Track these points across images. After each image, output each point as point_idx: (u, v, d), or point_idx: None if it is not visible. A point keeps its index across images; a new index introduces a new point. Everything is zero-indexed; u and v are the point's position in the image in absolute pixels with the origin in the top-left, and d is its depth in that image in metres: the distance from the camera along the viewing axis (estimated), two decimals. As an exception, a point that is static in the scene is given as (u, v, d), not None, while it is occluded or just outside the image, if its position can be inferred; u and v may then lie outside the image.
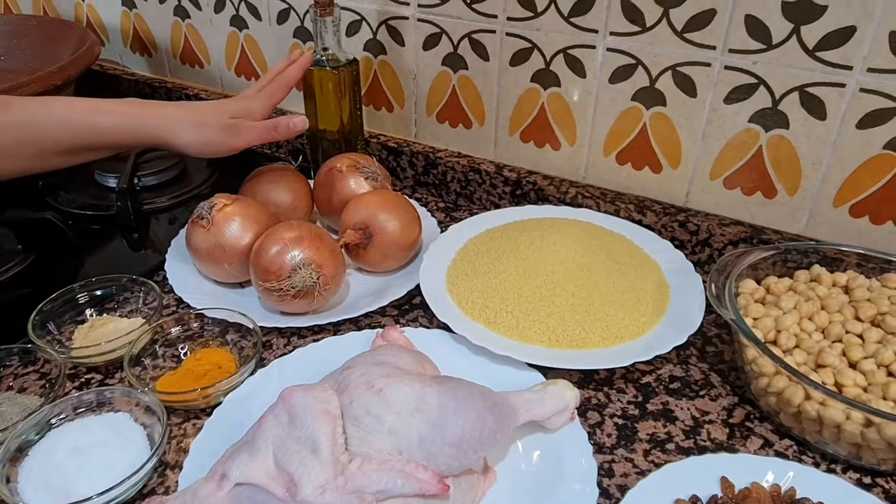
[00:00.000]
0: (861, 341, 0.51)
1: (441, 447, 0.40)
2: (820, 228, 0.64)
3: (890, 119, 0.57)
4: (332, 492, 0.36)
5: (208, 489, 0.37)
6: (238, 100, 0.66)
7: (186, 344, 0.57)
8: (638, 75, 0.66)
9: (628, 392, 0.54)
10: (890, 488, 0.46)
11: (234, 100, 0.66)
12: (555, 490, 0.44)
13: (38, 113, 0.57)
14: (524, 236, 0.64)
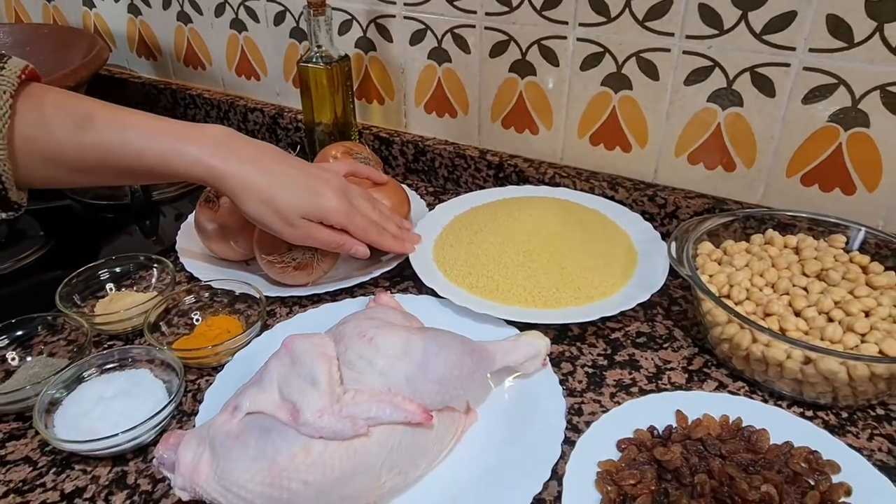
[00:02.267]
0: (805, 293, 0.57)
1: (425, 384, 0.46)
2: (776, 197, 0.70)
3: (831, 94, 0.62)
4: (329, 416, 0.41)
5: (222, 419, 0.43)
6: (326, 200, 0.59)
7: (198, 312, 0.62)
8: (606, 62, 0.72)
9: (598, 346, 0.60)
10: (829, 419, 0.52)
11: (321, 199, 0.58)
12: (528, 426, 0.49)
13: (115, 142, 0.53)
14: (504, 211, 0.70)
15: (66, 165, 0.54)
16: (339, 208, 0.59)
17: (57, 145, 0.52)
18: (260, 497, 0.40)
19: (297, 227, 0.58)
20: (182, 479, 0.42)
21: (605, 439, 0.48)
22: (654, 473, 0.45)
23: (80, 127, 0.52)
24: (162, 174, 0.55)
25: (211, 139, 0.56)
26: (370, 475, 0.42)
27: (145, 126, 0.54)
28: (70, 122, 0.52)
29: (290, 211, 0.57)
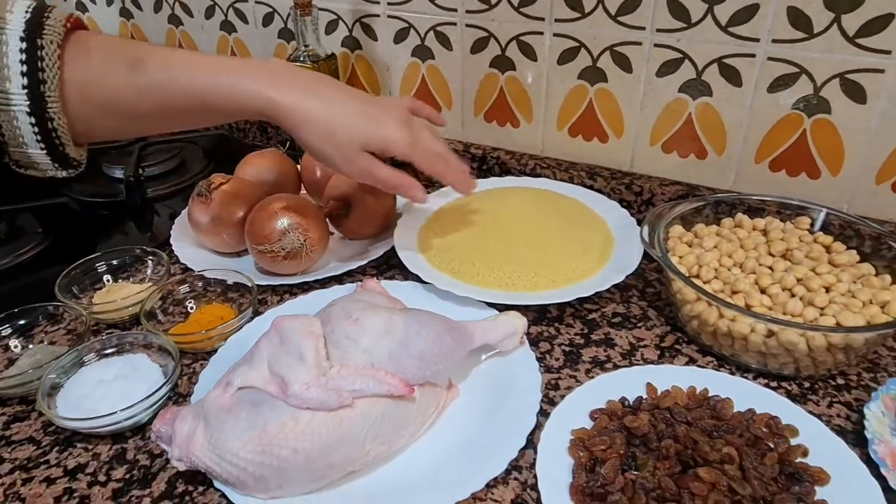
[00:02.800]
0: (771, 271, 0.60)
1: (407, 360, 0.48)
2: (746, 183, 0.73)
3: (794, 83, 0.65)
4: (316, 388, 0.44)
5: (216, 394, 0.46)
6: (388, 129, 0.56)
7: (192, 301, 0.65)
8: (581, 56, 0.75)
9: (576, 326, 0.62)
10: (792, 389, 0.55)
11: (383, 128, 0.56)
12: (506, 399, 0.52)
13: (168, 81, 0.52)
14: (485, 201, 0.73)
15: (123, 112, 0.52)
16: (402, 138, 0.56)
17: (111, 91, 0.51)
18: (252, 464, 0.42)
19: (356, 162, 0.55)
20: (178, 450, 0.45)
21: (579, 410, 0.51)
22: (623, 439, 0.48)
23: (133, 69, 0.51)
24: (218, 111, 0.54)
25: (265, 71, 0.54)
26: (355, 444, 0.45)
27: (198, 63, 0.53)
28: (122, 65, 0.51)
29: (349, 142, 0.54)
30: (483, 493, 0.46)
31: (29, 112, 0.48)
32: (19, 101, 0.47)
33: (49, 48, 0.48)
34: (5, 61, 0.47)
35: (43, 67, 0.47)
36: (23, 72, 0.47)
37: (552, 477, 0.45)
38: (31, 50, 0.47)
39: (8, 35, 0.47)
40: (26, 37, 0.47)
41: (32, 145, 0.50)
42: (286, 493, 0.44)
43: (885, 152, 0.64)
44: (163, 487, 0.47)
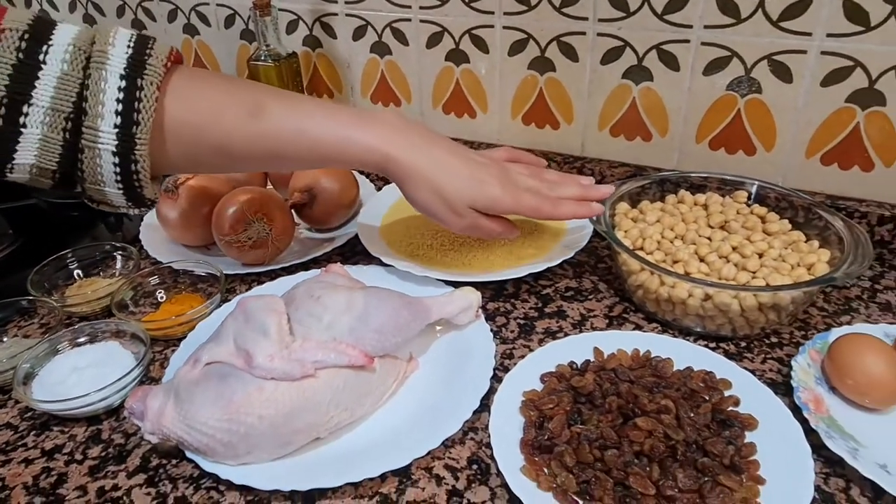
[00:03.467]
0: (709, 241, 0.64)
1: (366, 333, 0.52)
2: (689, 162, 0.77)
3: (727, 65, 0.70)
4: (279, 359, 0.47)
5: (185, 370, 0.48)
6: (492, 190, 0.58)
7: (163, 292, 0.67)
8: (530, 47, 0.78)
9: (531, 301, 0.66)
10: (729, 349, 0.59)
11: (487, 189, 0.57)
12: (463, 368, 0.55)
13: (289, 131, 0.52)
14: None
15: (234, 155, 0.52)
16: (503, 195, 0.58)
17: (226, 135, 0.51)
18: (220, 431, 0.45)
19: (464, 217, 0.58)
20: (150, 424, 0.47)
21: (531, 374, 0.55)
22: (570, 398, 0.51)
23: (253, 115, 0.51)
24: (334, 162, 0.55)
25: (384, 126, 0.56)
26: (319, 411, 0.48)
27: (319, 114, 0.54)
28: (242, 110, 0.51)
29: (458, 201, 0.57)
30: (441, 452, 0.49)
31: (115, 152, 0.46)
32: (108, 139, 0.46)
33: (148, 89, 0.46)
34: (102, 98, 0.45)
35: (139, 109, 0.46)
36: (117, 111, 0.45)
37: (504, 434, 0.49)
38: (129, 89, 0.46)
39: (108, 71, 0.45)
40: (126, 75, 0.46)
41: (111, 185, 0.48)
42: (254, 458, 0.47)
43: (813, 128, 0.69)
44: (137, 462, 0.50)
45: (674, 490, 0.43)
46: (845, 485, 0.46)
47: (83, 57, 0.45)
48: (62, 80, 0.44)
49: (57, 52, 0.44)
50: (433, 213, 0.58)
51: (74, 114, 0.45)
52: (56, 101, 0.44)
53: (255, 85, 0.55)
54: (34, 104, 0.44)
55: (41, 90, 0.44)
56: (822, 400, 0.51)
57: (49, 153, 0.45)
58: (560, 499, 0.44)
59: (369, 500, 0.46)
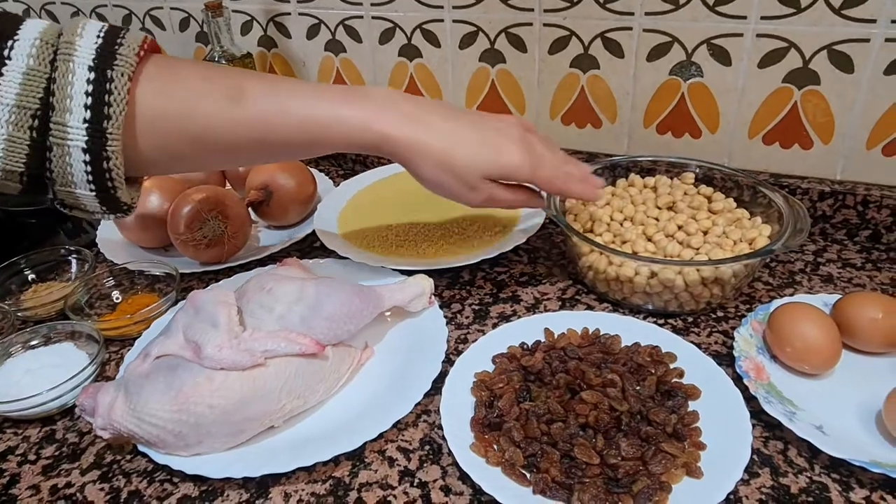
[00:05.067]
0: (656, 221, 0.66)
1: (318, 322, 0.52)
2: (639, 147, 0.79)
3: (669, 51, 0.71)
4: (228, 349, 0.47)
5: (135, 364, 0.49)
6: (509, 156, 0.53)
7: (120, 293, 0.67)
8: (480, 40, 0.80)
9: (486, 287, 0.67)
10: (677, 325, 0.60)
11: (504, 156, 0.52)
12: (416, 354, 0.56)
13: (272, 113, 0.48)
14: (398, 183, 0.77)
15: (218, 146, 0.48)
16: (522, 163, 0.53)
17: (206, 123, 0.47)
18: (170, 422, 0.46)
19: (478, 190, 0.53)
20: (101, 419, 0.47)
21: (483, 356, 0.56)
22: (520, 377, 0.52)
23: (233, 99, 0.47)
24: (324, 144, 0.50)
25: (375, 101, 0.51)
26: (270, 399, 0.48)
27: (304, 93, 0.49)
28: (220, 95, 0.47)
29: (470, 173, 0.52)
30: (394, 435, 0.50)
31: (85, 149, 0.43)
32: (77, 135, 0.42)
33: (119, 81, 0.43)
34: (69, 91, 0.42)
35: (110, 102, 0.43)
36: (86, 104, 0.42)
37: (455, 414, 0.50)
38: (99, 81, 0.42)
39: (76, 63, 0.42)
40: (95, 66, 0.42)
41: (82, 185, 0.44)
42: (207, 448, 0.47)
43: (753, 108, 0.71)
44: (91, 459, 0.50)
45: (617, 458, 0.45)
46: (783, 446, 0.47)
47: (50, 50, 0.42)
48: (28, 75, 0.41)
49: (22, 47, 0.42)
50: (445, 190, 0.53)
51: (41, 110, 0.42)
52: (21, 97, 0.41)
53: (234, 69, 0.51)
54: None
55: (5, 87, 0.41)
56: (763, 368, 0.53)
57: (15, 154, 0.42)
58: (508, 473, 0.45)
59: (323, 484, 0.47)
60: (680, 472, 0.44)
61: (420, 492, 0.46)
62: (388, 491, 0.46)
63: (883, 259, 0.67)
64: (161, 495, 0.47)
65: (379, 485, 0.46)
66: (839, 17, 0.63)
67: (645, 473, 0.44)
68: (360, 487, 0.46)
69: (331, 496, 0.46)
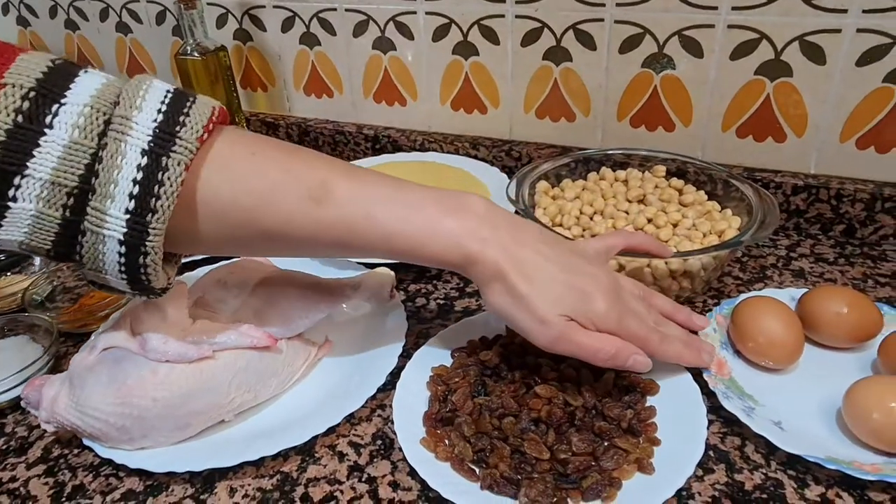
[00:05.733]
0: (626, 215, 0.65)
1: (272, 315, 0.51)
2: (613, 140, 0.78)
3: (641, 43, 0.70)
4: (174, 342, 0.46)
5: (81, 356, 0.48)
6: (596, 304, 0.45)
7: (82, 288, 0.67)
8: (453, 32, 0.79)
9: (452, 282, 0.66)
10: (643, 319, 0.59)
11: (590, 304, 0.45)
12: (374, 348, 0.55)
13: (358, 219, 0.43)
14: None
15: (292, 242, 0.44)
16: (608, 313, 0.45)
17: (286, 220, 0.42)
18: (112, 416, 0.45)
19: (551, 326, 0.45)
20: (45, 412, 0.46)
21: (442, 351, 0.55)
22: (477, 372, 0.51)
23: (317, 200, 0.42)
24: (408, 256, 0.45)
25: (474, 216, 0.45)
26: (218, 392, 0.47)
27: (394, 199, 0.44)
28: (304, 192, 0.42)
29: (546, 309, 0.45)
30: (346, 430, 0.49)
31: (122, 241, 0.38)
32: (115, 226, 0.38)
33: (174, 170, 0.38)
34: (115, 176, 0.37)
35: (159, 194, 0.38)
36: (132, 193, 0.37)
37: (409, 408, 0.49)
38: (150, 168, 0.37)
39: (128, 145, 0.37)
40: (149, 150, 0.37)
41: (112, 273, 0.40)
42: (152, 442, 0.46)
43: (726, 101, 0.70)
44: (38, 454, 0.49)
45: (567, 453, 0.44)
46: (741, 442, 0.46)
47: (101, 121, 0.37)
48: (70, 149, 0.37)
49: (69, 115, 0.37)
50: (512, 322, 0.46)
51: (79, 189, 0.37)
52: (59, 173, 0.36)
53: (316, 158, 0.45)
54: (29, 175, 0.36)
55: (40, 159, 0.36)
56: (725, 363, 0.52)
57: (43, 232, 0.38)
58: (457, 468, 0.44)
59: (270, 479, 0.46)
60: (632, 467, 0.43)
61: (368, 487, 0.45)
62: (336, 486, 0.45)
63: (856, 254, 0.66)
64: (105, 490, 0.46)
65: (326, 480, 0.46)
66: (810, 7, 0.62)
67: (596, 469, 0.43)
68: (308, 482, 0.45)
69: (277, 491, 0.45)
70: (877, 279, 0.62)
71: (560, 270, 0.46)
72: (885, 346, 0.49)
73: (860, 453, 0.44)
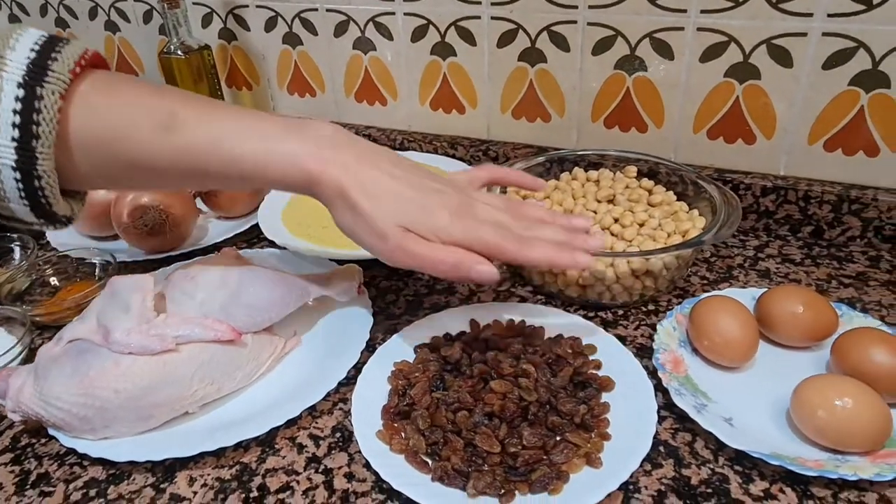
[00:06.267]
0: (595, 214, 0.66)
1: (237, 309, 0.52)
2: (588, 141, 0.78)
3: (613, 45, 0.71)
4: (137, 334, 0.48)
5: (47, 347, 0.49)
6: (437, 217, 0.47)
7: (60, 282, 0.68)
8: (431, 33, 0.80)
9: (423, 279, 0.67)
10: (607, 317, 0.60)
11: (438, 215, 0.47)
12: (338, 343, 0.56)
13: (205, 143, 0.45)
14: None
15: (149, 171, 0.46)
16: (452, 224, 0.47)
17: (139, 149, 0.45)
18: (75, 406, 0.46)
19: (388, 239, 0.46)
20: (11, 402, 0.48)
21: (405, 346, 0.56)
22: (437, 367, 0.52)
23: (166, 128, 0.45)
24: (256, 179, 0.47)
25: (315, 139, 0.47)
26: (181, 384, 0.48)
27: (241, 125, 0.46)
28: (154, 121, 0.45)
29: (384, 222, 0.46)
30: (307, 422, 0.50)
31: (14, 167, 0.41)
32: (6, 154, 0.41)
33: (49, 99, 0.41)
34: None
35: (38, 121, 0.41)
36: (15, 123, 0.41)
37: (368, 402, 0.50)
38: (28, 99, 0.41)
39: (4, 79, 0.40)
40: (25, 82, 0.41)
41: (16, 201, 0.43)
42: (114, 432, 0.47)
43: (696, 103, 0.70)
44: (7, 442, 0.50)
45: (518, 447, 0.45)
46: (691, 438, 0.47)
47: None
48: None
49: None
50: (358, 239, 0.48)
51: None
52: None
53: (172, 92, 0.48)
54: None
55: None
56: (681, 360, 0.53)
57: None
58: (410, 460, 0.45)
59: (229, 469, 0.47)
60: (580, 461, 0.44)
61: (324, 478, 0.46)
62: (293, 476, 0.46)
63: (823, 255, 0.67)
64: (69, 478, 0.47)
65: (284, 470, 0.47)
66: (777, 10, 0.63)
67: (546, 463, 0.44)
68: (266, 473, 0.46)
69: (235, 481, 0.46)
70: (840, 280, 0.63)
71: (406, 188, 0.48)
72: (838, 346, 0.50)
73: (806, 450, 0.45)
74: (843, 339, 0.50)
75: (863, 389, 0.44)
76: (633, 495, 0.43)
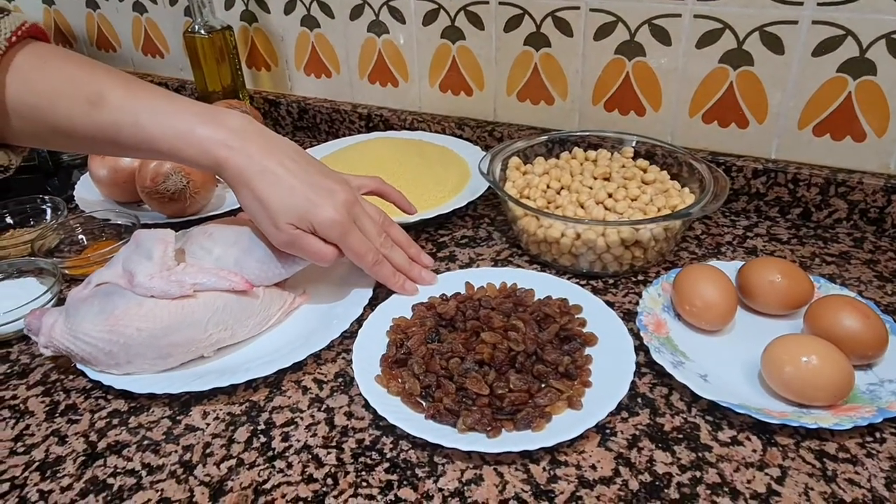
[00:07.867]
0: (590, 190, 0.69)
1: (250, 262, 0.57)
2: (589, 123, 0.82)
3: (614, 30, 0.74)
4: (158, 279, 0.52)
5: (76, 290, 0.54)
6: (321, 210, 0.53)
7: (88, 241, 0.73)
8: (441, 17, 0.83)
9: (426, 248, 0.71)
10: (598, 285, 0.64)
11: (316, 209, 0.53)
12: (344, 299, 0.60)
13: (126, 124, 0.51)
14: (355, 148, 0.81)
15: (76, 140, 0.52)
16: (333, 222, 0.54)
17: (66, 121, 0.50)
18: (101, 341, 0.50)
19: (282, 231, 0.53)
20: (44, 338, 0.52)
21: (404, 305, 0.59)
22: (433, 322, 0.56)
23: (92, 104, 0.50)
24: (171, 158, 0.53)
25: (224, 129, 0.52)
26: (197, 327, 0.53)
27: (160, 109, 0.51)
28: (80, 97, 0.50)
29: (278, 215, 0.53)
30: (313, 368, 0.55)
31: None
32: None
33: None
34: None
35: None
36: None
37: (368, 351, 0.54)
38: None
39: None
40: None
41: None
42: (136, 368, 0.52)
43: (693, 88, 0.74)
44: (38, 377, 0.55)
45: (505, 390, 0.48)
46: (668, 391, 0.51)
47: None
48: None
49: None
50: (255, 220, 0.55)
51: None
52: None
53: (102, 70, 0.53)
54: None
55: None
56: (664, 323, 0.56)
57: None
58: (406, 401, 0.49)
59: (240, 406, 0.51)
60: (563, 404, 0.48)
61: (325, 416, 0.50)
62: (297, 413, 0.50)
63: (810, 235, 0.70)
64: (94, 409, 0.51)
65: (289, 408, 0.51)
66: (769, -1, 0.66)
67: (531, 405, 0.48)
68: (273, 410, 0.51)
69: (245, 416, 0.50)
70: (824, 258, 0.66)
71: (299, 182, 0.54)
72: (811, 312, 0.53)
73: (773, 403, 0.48)
74: (817, 305, 0.53)
75: (829, 348, 0.48)
76: (609, 438, 0.47)
